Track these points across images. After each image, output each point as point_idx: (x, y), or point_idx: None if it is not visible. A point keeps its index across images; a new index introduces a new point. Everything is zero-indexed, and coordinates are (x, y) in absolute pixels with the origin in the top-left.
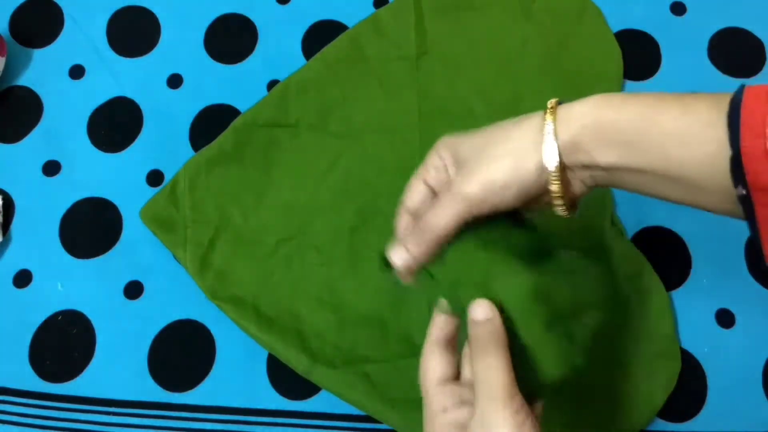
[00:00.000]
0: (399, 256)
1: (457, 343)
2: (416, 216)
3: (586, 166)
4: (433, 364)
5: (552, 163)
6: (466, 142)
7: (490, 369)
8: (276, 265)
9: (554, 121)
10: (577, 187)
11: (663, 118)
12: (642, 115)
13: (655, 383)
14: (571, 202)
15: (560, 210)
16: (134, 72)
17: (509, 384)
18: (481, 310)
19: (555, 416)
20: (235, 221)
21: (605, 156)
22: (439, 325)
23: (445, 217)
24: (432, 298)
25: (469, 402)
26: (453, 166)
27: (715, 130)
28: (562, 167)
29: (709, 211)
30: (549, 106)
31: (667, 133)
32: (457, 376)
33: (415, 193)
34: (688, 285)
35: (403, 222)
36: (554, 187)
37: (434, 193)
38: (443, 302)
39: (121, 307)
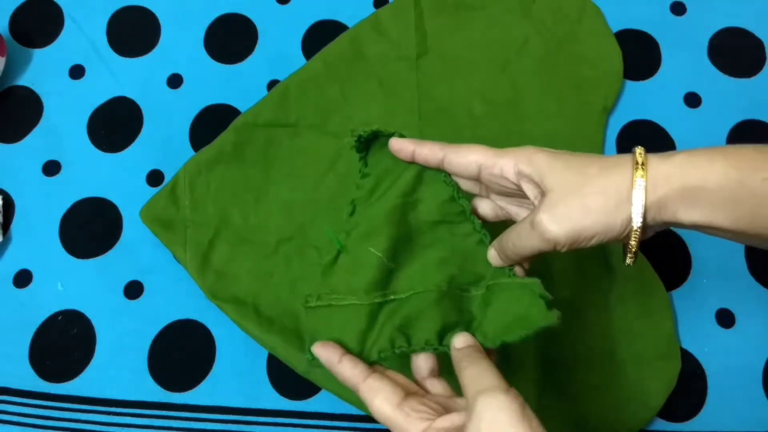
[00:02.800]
0: (494, 259)
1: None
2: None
3: (667, 223)
4: (383, 395)
5: (637, 222)
6: (553, 170)
7: (482, 372)
8: (276, 265)
9: (645, 180)
10: (647, 235)
11: (752, 179)
12: (729, 176)
13: (655, 383)
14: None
15: (627, 259)
16: (134, 72)
17: (502, 380)
18: (462, 339)
19: (556, 416)
20: (235, 221)
21: (690, 215)
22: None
23: (527, 248)
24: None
25: (447, 408)
26: (534, 187)
27: None
28: (644, 225)
29: None
30: (638, 157)
31: (758, 195)
32: (407, 395)
33: (462, 162)
34: (688, 285)
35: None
36: (633, 242)
37: (477, 178)
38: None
39: (121, 307)
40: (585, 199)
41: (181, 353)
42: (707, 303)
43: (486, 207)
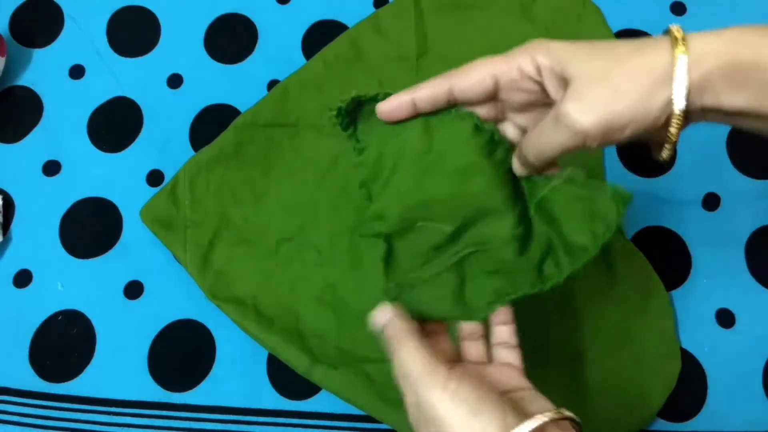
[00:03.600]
0: (517, 168)
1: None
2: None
3: (707, 110)
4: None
5: (680, 106)
6: (575, 57)
7: (406, 359)
8: (276, 265)
9: (687, 56)
10: (685, 125)
11: None
12: None
13: (655, 383)
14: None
15: (665, 153)
16: (134, 72)
17: (427, 363)
18: (379, 316)
19: None
20: (235, 221)
21: (734, 100)
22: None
23: (553, 147)
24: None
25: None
26: (555, 81)
27: None
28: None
29: None
30: (676, 33)
31: None
32: None
33: (474, 81)
34: (688, 285)
35: (427, 91)
36: (674, 130)
37: (494, 97)
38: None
39: (121, 307)
40: (616, 82)
41: (181, 353)
42: (707, 303)
43: (509, 131)
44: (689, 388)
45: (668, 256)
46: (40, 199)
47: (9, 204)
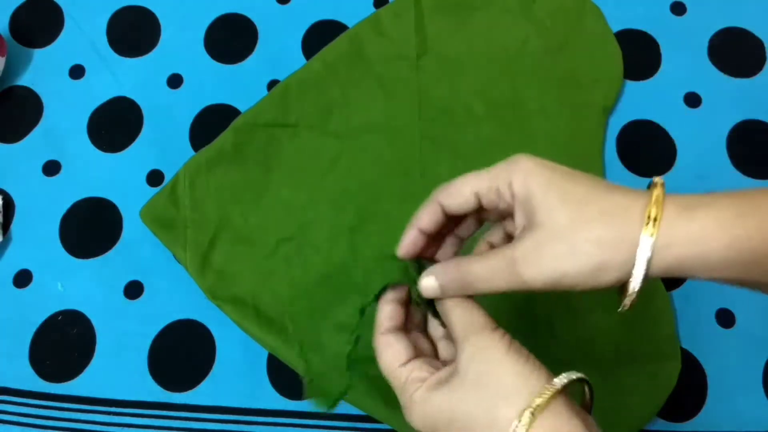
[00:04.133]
0: (429, 286)
1: (409, 325)
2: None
3: (671, 276)
4: (394, 351)
5: (635, 287)
6: (547, 203)
7: (470, 312)
8: (276, 264)
9: (655, 240)
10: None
11: None
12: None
13: (655, 383)
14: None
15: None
16: (134, 72)
17: (490, 320)
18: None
19: None
20: (235, 221)
21: (707, 276)
22: (388, 315)
23: (495, 287)
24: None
25: (441, 365)
26: (523, 215)
27: None
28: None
29: None
30: (652, 208)
31: None
32: (416, 356)
33: (460, 203)
34: (688, 285)
35: (411, 237)
36: (627, 301)
37: (479, 209)
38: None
39: (121, 307)
40: (576, 247)
41: (181, 353)
42: (707, 303)
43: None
44: (689, 388)
45: None
46: (40, 199)
47: (9, 204)
